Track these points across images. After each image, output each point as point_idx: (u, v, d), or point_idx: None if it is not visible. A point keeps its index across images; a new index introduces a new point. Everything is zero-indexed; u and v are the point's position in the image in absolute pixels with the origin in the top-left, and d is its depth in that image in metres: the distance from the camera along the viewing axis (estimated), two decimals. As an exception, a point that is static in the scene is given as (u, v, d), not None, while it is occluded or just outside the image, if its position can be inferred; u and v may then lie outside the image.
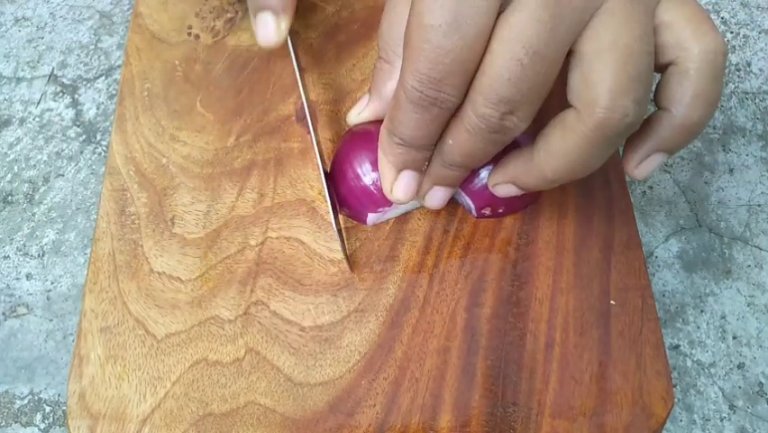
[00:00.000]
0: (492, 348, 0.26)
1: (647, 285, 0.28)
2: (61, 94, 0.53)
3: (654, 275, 0.46)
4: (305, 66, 0.33)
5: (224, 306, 0.27)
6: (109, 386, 0.26)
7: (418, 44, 0.19)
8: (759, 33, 0.55)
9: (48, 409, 0.42)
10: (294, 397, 0.26)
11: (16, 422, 0.42)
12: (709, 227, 0.48)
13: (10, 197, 0.49)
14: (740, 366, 0.43)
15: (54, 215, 0.48)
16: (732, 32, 0.56)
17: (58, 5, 0.57)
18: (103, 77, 0.53)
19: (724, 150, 0.50)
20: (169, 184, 0.30)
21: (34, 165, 0.50)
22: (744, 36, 0.55)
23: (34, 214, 0.48)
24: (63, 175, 0.49)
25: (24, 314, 0.45)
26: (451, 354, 0.26)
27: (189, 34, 0.34)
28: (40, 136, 0.51)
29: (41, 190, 0.49)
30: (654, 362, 0.26)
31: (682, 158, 0.50)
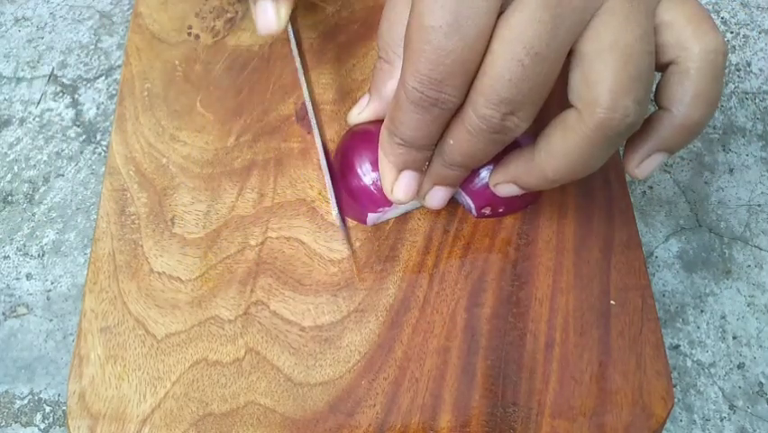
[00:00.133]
0: (492, 348, 0.26)
1: (647, 285, 0.28)
2: (61, 94, 0.53)
3: (654, 275, 0.46)
4: (305, 66, 0.33)
5: (224, 306, 0.27)
6: (109, 386, 0.26)
7: (419, 45, 0.19)
8: (759, 33, 0.55)
9: (48, 409, 0.42)
10: (294, 397, 0.26)
11: (16, 422, 0.42)
12: (709, 227, 0.48)
13: (10, 197, 0.49)
14: (740, 366, 0.43)
15: (54, 215, 0.48)
16: (732, 32, 0.56)
17: (58, 5, 0.57)
18: (103, 77, 0.53)
19: (724, 150, 0.50)
20: (169, 184, 0.30)
21: (34, 165, 0.50)
22: (744, 36, 0.55)
23: (34, 214, 0.48)
24: (63, 175, 0.49)
25: (24, 314, 0.45)
26: (451, 354, 0.26)
27: (189, 34, 0.34)
28: (40, 136, 0.51)
29: (41, 190, 0.49)
30: (654, 362, 0.26)
31: (682, 158, 0.50)
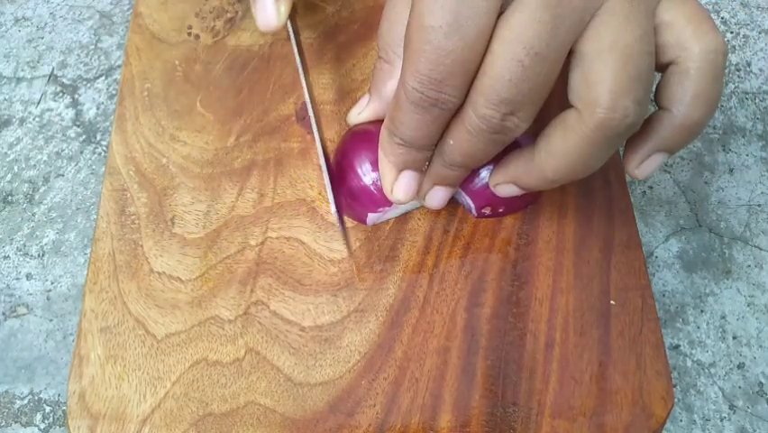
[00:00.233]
0: (492, 348, 0.26)
1: (647, 285, 0.28)
2: (61, 94, 0.53)
3: (654, 275, 0.46)
4: (305, 65, 0.33)
5: (224, 306, 0.27)
6: (109, 386, 0.26)
7: (419, 45, 0.19)
8: (759, 33, 0.55)
9: (48, 409, 0.42)
10: (294, 397, 0.26)
11: (16, 422, 0.42)
12: (709, 227, 0.48)
13: (10, 197, 0.49)
14: (740, 366, 0.43)
15: (54, 215, 0.48)
16: (732, 32, 0.56)
17: (58, 5, 0.57)
18: (103, 77, 0.53)
19: (724, 150, 0.50)
20: (169, 184, 0.30)
21: (34, 165, 0.50)
22: (744, 36, 0.55)
23: (34, 214, 0.48)
24: (63, 175, 0.49)
25: (24, 314, 0.45)
26: (451, 354, 0.26)
27: (189, 34, 0.34)
28: (40, 136, 0.51)
29: (41, 190, 0.49)
30: (654, 362, 0.26)
31: (682, 158, 0.50)
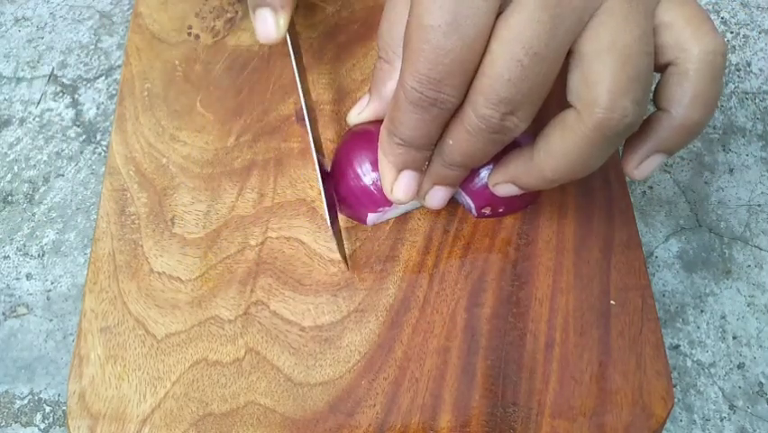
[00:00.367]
0: (492, 348, 0.26)
1: (647, 285, 0.28)
2: (61, 94, 0.53)
3: (654, 275, 0.46)
4: (305, 66, 0.33)
5: (224, 306, 0.27)
6: (109, 386, 0.26)
7: (418, 45, 0.19)
8: (759, 33, 0.55)
9: (48, 409, 0.43)
10: (294, 397, 0.26)
11: (16, 422, 0.42)
12: (709, 227, 0.48)
13: (10, 197, 0.49)
14: (740, 366, 0.43)
15: (54, 215, 0.48)
16: (732, 32, 0.56)
17: (58, 5, 0.57)
18: (103, 77, 0.53)
19: (724, 150, 0.50)
20: (169, 184, 0.30)
21: (34, 165, 0.50)
22: (744, 36, 0.55)
23: (34, 214, 0.48)
24: (63, 175, 0.49)
25: (24, 314, 0.45)
26: (451, 354, 0.26)
27: (189, 34, 0.34)
28: (40, 136, 0.51)
29: (41, 190, 0.49)
30: (654, 362, 0.26)
31: (682, 158, 0.50)
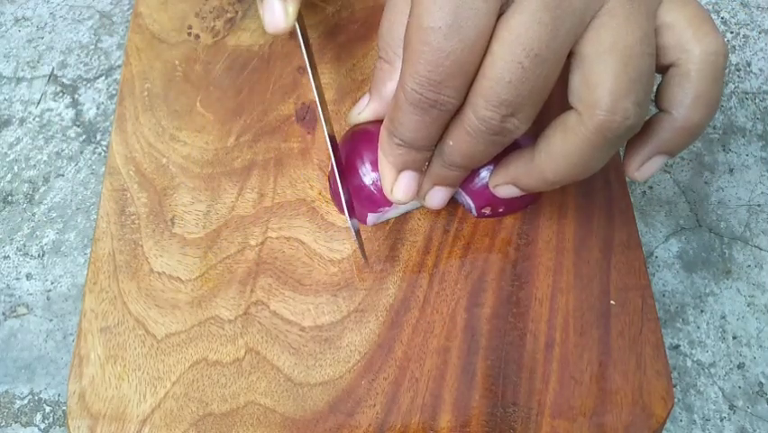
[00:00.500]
0: (492, 348, 0.26)
1: (647, 285, 0.28)
2: (61, 94, 0.53)
3: (654, 275, 0.46)
4: (304, 65, 0.33)
5: (224, 306, 0.27)
6: (109, 386, 0.26)
7: (418, 46, 0.19)
8: (759, 33, 0.55)
9: (48, 409, 0.43)
10: (294, 397, 0.26)
11: (16, 422, 0.42)
12: (709, 227, 0.48)
13: (10, 197, 0.49)
14: (740, 366, 0.43)
15: (54, 215, 0.48)
16: (732, 32, 0.56)
17: (58, 5, 0.57)
18: (103, 77, 0.53)
19: (724, 150, 0.50)
20: (169, 184, 0.30)
21: (34, 165, 0.50)
22: (744, 36, 0.55)
23: (34, 214, 0.48)
24: (63, 175, 0.49)
25: (24, 314, 0.45)
26: (451, 354, 0.26)
27: (189, 34, 0.34)
28: (40, 136, 0.51)
29: (41, 190, 0.49)
30: (654, 362, 0.26)
31: (682, 158, 0.50)
